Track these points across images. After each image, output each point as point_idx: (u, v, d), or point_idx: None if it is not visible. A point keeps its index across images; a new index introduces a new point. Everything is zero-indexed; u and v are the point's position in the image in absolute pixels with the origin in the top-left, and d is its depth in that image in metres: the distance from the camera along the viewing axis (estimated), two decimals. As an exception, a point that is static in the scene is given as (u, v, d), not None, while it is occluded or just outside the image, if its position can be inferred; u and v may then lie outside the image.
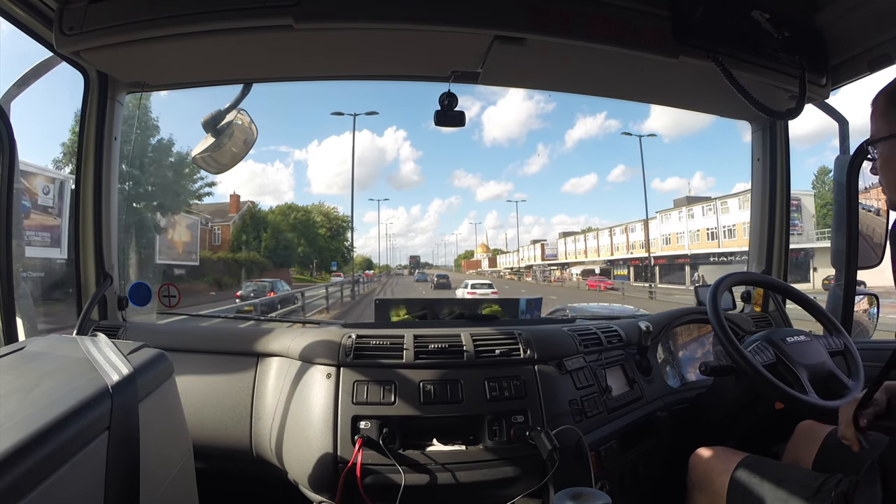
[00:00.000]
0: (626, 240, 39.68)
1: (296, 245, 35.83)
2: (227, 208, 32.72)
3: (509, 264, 65.74)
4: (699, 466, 1.12)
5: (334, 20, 1.12)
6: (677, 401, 1.40)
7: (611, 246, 42.11)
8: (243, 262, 28.40)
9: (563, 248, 52.70)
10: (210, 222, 30.05)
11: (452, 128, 1.40)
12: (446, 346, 1.18)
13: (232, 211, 32.71)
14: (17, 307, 1.19)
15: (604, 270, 39.79)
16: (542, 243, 57.01)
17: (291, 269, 34.76)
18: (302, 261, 36.89)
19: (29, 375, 0.69)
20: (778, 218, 1.69)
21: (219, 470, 1.16)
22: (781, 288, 1.53)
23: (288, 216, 38.61)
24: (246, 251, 30.23)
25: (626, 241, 39.69)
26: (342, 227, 47.55)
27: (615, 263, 40.12)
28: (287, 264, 33.60)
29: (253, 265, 28.86)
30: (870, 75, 1.33)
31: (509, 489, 1.06)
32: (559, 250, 52.86)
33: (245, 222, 32.65)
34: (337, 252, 44.00)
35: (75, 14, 1.13)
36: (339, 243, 45.29)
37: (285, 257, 33.14)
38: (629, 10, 1.20)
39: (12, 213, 1.14)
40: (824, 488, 0.89)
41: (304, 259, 37.05)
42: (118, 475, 0.64)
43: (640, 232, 37.07)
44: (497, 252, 76.42)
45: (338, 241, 45.32)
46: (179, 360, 0.91)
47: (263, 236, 32.28)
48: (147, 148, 17.54)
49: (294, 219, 38.76)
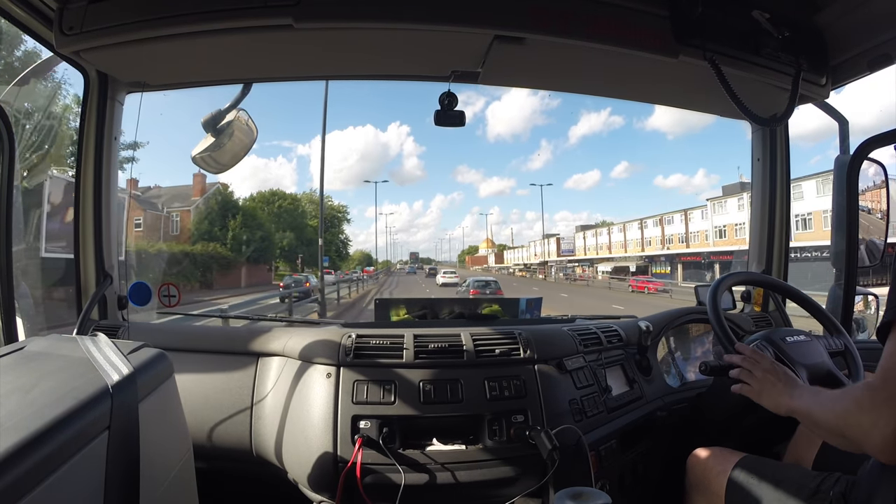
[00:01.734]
0: (662, 233, 34.16)
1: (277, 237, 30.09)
2: (191, 191, 26.48)
3: (519, 260, 61.25)
4: (697, 467, 1.12)
5: (334, 20, 1.12)
6: (677, 400, 1.40)
7: (641, 240, 36.59)
8: (199, 256, 21.87)
9: (580, 242, 47.42)
10: (166, 207, 24.31)
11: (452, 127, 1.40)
12: (446, 345, 1.18)
13: (196, 194, 26.29)
14: (17, 307, 1.19)
15: (640, 268, 34.36)
16: (557, 237, 51.89)
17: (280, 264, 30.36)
18: (289, 255, 31.79)
19: (29, 375, 0.68)
20: (778, 218, 1.69)
21: (219, 470, 1.16)
22: (781, 288, 1.53)
23: (272, 204, 33.03)
24: (203, 244, 23.20)
25: (662, 234, 34.16)
26: (336, 217, 42.66)
27: (655, 260, 33.81)
28: (263, 259, 27.68)
29: (212, 261, 22.67)
30: (870, 75, 1.34)
31: (509, 489, 1.06)
32: (577, 245, 47.69)
33: (210, 207, 26.25)
34: (330, 246, 39.09)
35: (75, 14, 1.13)
36: (332, 236, 40.78)
37: (262, 251, 26.72)
38: (629, 10, 1.20)
39: (12, 213, 1.14)
40: (822, 488, 0.89)
41: (290, 253, 31.80)
42: (118, 475, 0.64)
43: (679, 224, 32.39)
44: (503, 247, 73.72)
45: (331, 234, 40.51)
46: (179, 359, 0.91)
47: (231, 224, 25.34)
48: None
49: (279, 207, 33.14)
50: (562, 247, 49.39)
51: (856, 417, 0.73)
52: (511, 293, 15.90)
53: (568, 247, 48.80)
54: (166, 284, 1.58)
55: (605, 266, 38.99)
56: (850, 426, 0.74)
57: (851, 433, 0.74)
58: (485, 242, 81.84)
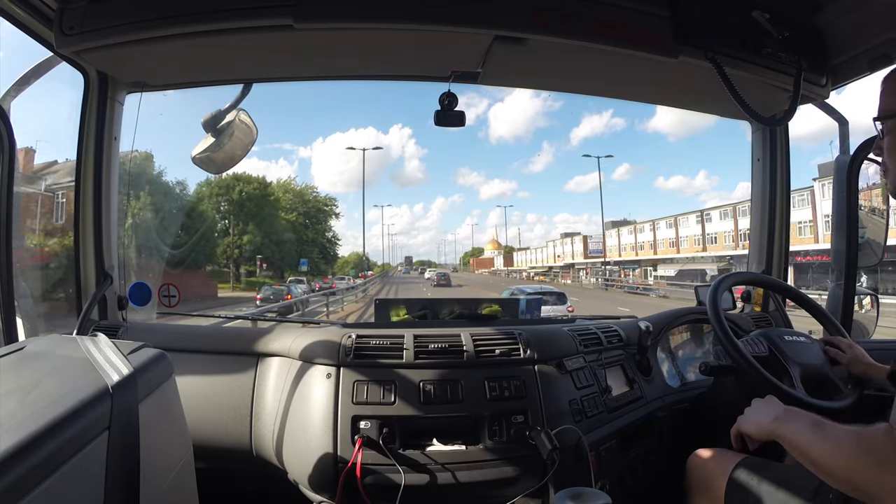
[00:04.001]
0: (735, 227, 27.03)
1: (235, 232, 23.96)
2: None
3: (534, 262, 54.37)
4: (697, 467, 1.12)
5: (334, 20, 1.12)
6: (677, 401, 1.40)
7: (702, 237, 28.74)
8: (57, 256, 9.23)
9: (613, 241, 39.87)
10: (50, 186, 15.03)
11: (452, 128, 1.40)
12: (446, 345, 1.17)
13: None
14: (17, 307, 1.19)
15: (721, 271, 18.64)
16: (583, 236, 44.34)
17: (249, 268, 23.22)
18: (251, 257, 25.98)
19: (29, 375, 0.68)
20: (778, 218, 1.69)
21: (219, 470, 1.16)
22: (781, 288, 1.54)
23: (231, 190, 25.72)
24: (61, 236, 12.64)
25: (735, 228, 27.03)
26: (323, 211, 34.38)
27: (738, 260, 23.79)
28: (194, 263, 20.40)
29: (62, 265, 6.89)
30: (870, 75, 1.34)
31: (509, 489, 1.06)
32: (608, 244, 40.22)
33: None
34: (313, 246, 32.08)
35: (75, 14, 1.13)
36: (315, 233, 33.45)
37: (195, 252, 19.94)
38: (629, 10, 1.20)
39: (12, 213, 1.14)
40: (822, 490, 0.89)
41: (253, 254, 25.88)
42: (118, 475, 0.64)
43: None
44: (509, 249, 69.37)
45: (314, 231, 33.45)
46: (179, 360, 0.91)
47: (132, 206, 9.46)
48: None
49: (240, 194, 25.92)
50: (589, 246, 42.29)
51: (876, 473, 0.63)
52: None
53: (596, 247, 41.74)
54: (166, 284, 1.59)
55: (665, 269, 30.99)
56: (868, 483, 0.64)
57: (869, 489, 0.64)
58: (491, 244, 79.19)
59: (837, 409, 1.10)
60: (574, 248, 44.90)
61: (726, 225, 27.77)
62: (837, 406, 1.11)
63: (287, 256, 28.77)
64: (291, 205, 31.91)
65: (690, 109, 1.72)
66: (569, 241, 46.89)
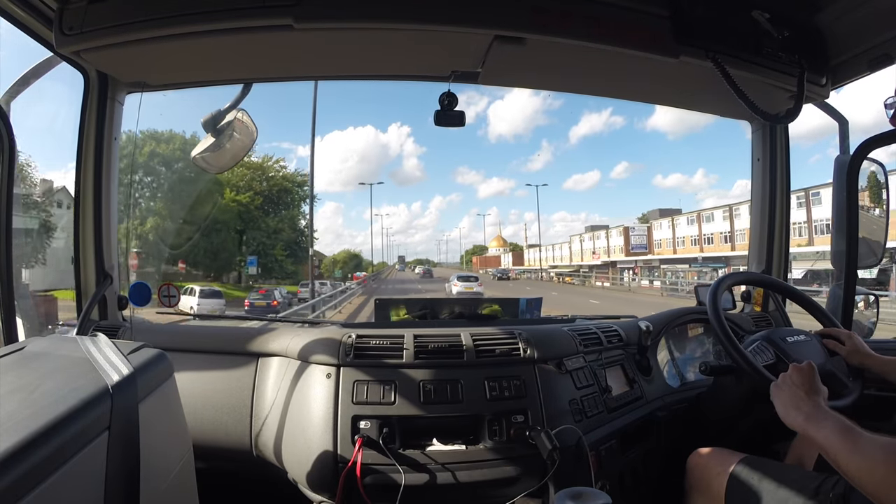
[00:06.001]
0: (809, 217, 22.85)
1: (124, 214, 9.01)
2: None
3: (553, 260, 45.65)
4: (697, 467, 1.12)
5: (334, 20, 1.12)
6: (677, 400, 1.40)
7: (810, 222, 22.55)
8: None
9: (660, 234, 32.68)
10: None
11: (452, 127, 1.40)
12: (446, 345, 1.17)
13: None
14: (17, 307, 1.19)
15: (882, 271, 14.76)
16: (623, 227, 35.67)
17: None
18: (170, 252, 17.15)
19: (29, 375, 0.68)
20: (778, 218, 1.69)
21: (219, 470, 1.16)
22: (781, 287, 1.53)
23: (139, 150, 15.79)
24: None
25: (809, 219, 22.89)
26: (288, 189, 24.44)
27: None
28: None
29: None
30: (870, 75, 1.34)
31: (509, 489, 1.06)
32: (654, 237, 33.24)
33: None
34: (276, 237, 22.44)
35: (75, 14, 1.13)
36: (278, 221, 23.82)
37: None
38: (629, 10, 1.20)
39: (12, 213, 1.14)
40: (822, 489, 0.89)
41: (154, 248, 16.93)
42: (118, 475, 0.64)
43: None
44: (516, 246, 64.63)
45: (280, 219, 23.85)
46: (179, 360, 0.91)
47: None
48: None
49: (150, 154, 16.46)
50: (631, 241, 34.33)
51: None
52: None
53: (639, 241, 34.08)
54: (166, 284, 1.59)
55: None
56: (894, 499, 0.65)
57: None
58: (496, 240, 75.98)
59: (845, 407, 1.10)
60: (610, 242, 36.62)
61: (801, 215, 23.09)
62: (844, 404, 1.11)
63: (224, 252, 19.08)
64: (246, 182, 21.94)
65: (691, 109, 1.72)
66: (602, 235, 38.43)
